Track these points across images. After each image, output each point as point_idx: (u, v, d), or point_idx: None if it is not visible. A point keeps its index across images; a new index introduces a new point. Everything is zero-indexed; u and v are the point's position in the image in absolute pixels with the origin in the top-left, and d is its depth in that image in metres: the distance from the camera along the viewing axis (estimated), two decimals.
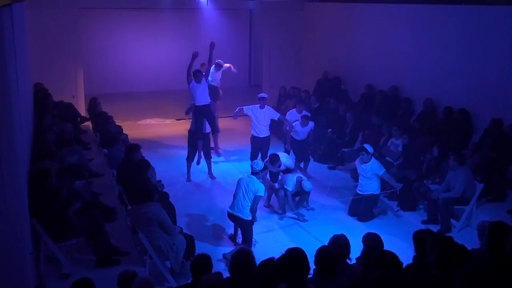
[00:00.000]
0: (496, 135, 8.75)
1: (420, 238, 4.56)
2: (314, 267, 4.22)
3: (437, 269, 3.95)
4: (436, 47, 10.59)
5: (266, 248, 7.37)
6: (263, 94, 10.42)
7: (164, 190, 8.33)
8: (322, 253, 4.25)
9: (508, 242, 3.99)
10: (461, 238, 5.25)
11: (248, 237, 7.36)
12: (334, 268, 4.20)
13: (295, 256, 3.91)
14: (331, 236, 5.00)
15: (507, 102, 9.04)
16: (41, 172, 7.04)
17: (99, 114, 11.53)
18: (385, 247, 4.64)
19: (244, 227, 7.41)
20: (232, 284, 4.23)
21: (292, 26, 15.59)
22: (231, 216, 7.51)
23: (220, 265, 6.76)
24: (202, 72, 9.98)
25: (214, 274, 4.29)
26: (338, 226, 8.13)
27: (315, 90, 13.66)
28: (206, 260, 4.63)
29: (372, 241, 4.82)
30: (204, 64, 14.13)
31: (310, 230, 8.20)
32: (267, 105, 10.18)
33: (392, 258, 4.04)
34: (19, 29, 8.24)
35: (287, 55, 15.84)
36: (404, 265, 4.29)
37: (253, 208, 7.37)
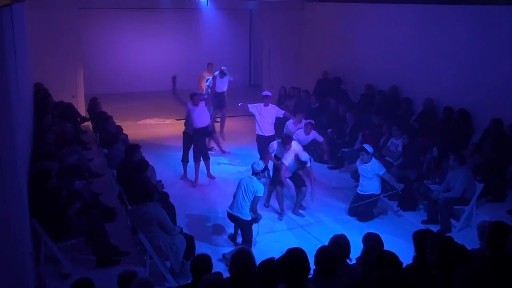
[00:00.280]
0: (496, 135, 8.75)
1: (420, 238, 4.57)
2: (314, 267, 4.22)
3: (437, 269, 3.95)
4: (436, 47, 10.58)
5: (266, 248, 7.37)
6: (267, 92, 10.45)
7: (164, 190, 8.32)
8: (322, 253, 4.26)
9: (508, 242, 3.99)
10: (461, 238, 5.26)
11: (248, 237, 7.36)
12: (334, 268, 4.20)
13: (295, 256, 3.91)
14: (331, 236, 5.00)
15: (507, 102, 9.04)
16: (41, 172, 7.04)
17: (99, 114, 11.51)
18: (385, 247, 4.65)
19: (244, 227, 7.41)
20: (232, 284, 4.23)
21: (292, 26, 15.58)
22: (231, 216, 7.52)
23: (220, 265, 6.76)
24: (199, 95, 9.81)
25: (214, 274, 4.29)
26: (338, 226, 8.15)
27: (315, 90, 13.66)
28: (206, 260, 4.63)
29: (372, 241, 4.83)
30: (211, 64, 14.17)
31: (310, 230, 8.20)
32: (271, 103, 10.21)
33: (392, 258, 4.04)
34: (19, 29, 8.23)
35: (287, 55, 15.82)
36: (404, 265, 4.29)
37: (253, 209, 7.38)
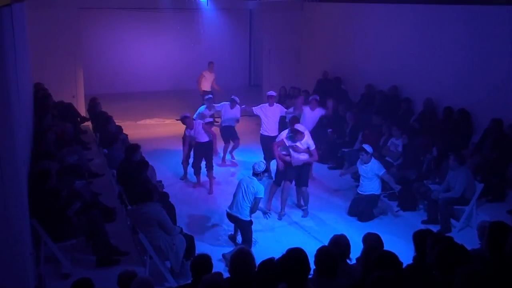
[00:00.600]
0: (496, 135, 8.74)
1: (420, 238, 4.57)
2: (314, 267, 4.22)
3: (437, 269, 3.95)
4: (436, 47, 10.58)
5: (266, 248, 7.38)
6: (272, 92, 10.50)
7: (164, 190, 8.33)
8: (322, 253, 4.26)
9: (508, 242, 4.00)
10: (461, 238, 5.25)
11: (248, 237, 7.36)
12: (334, 268, 4.20)
13: (295, 256, 3.91)
14: (331, 236, 5.00)
15: (507, 102, 9.03)
16: (41, 172, 7.03)
17: (99, 114, 11.52)
18: (385, 247, 4.65)
19: (243, 228, 7.40)
20: (232, 284, 4.23)
21: (292, 26, 15.58)
22: (230, 216, 7.51)
23: (220, 265, 6.75)
24: (189, 117, 9.61)
25: (214, 274, 4.29)
26: (338, 226, 8.15)
27: (315, 90, 13.63)
28: (206, 260, 4.62)
29: (372, 241, 4.83)
30: (212, 63, 14.14)
31: (310, 230, 8.20)
32: (276, 103, 10.28)
33: (392, 258, 4.04)
34: (19, 29, 8.23)
35: (287, 55, 15.82)
36: (404, 265, 4.29)
37: (254, 210, 7.37)
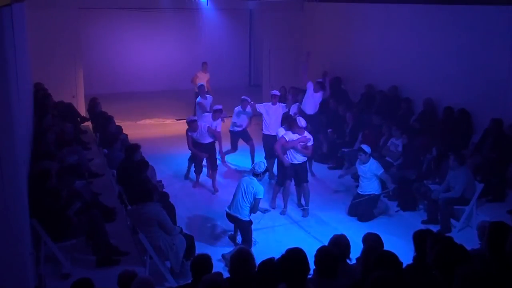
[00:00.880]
0: (496, 135, 8.74)
1: (420, 238, 4.57)
2: (314, 267, 4.22)
3: (437, 269, 3.95)
4: (436, 47, 10.58)
5: (266, 248, 7.37)
6: (276, 91, 10.59)
7: (164, 190, 8.33)
8: (322, 253, 4.26)
9: (508, 242, 4.00)
10: (461, 238, 5.26)
11: (248, 237, 7.35)
12: (334, 268, 4.20)
13: (295, 256, 3.91)
14: (331, 236, 5.00)
15: (507, 102, 9.03)
16: (41, 172, 7.04)
17: (99, 114, 11.51)
18: (385, 247, 4.65)
19: (243, 228, 7.40)
20: (232, 284, 4.23)
21: (292, 26, 15.57)
22: (229, 216, 7.50)
23: (220, 265, 6.76)
24: (196, 121, 9.57)
25: (214, 274, 4.29)
26: (338, 226, 8.14)
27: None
28: (206, 260, 4.62)
29: (372, 241, 4.82)
30: (205, 63, 14.14)
31: (310, 230, 8.20)
32: (279, 102, 10.38)
33: (392, 258, 4.04)
34: (19, 29, 8.23)
35: (287, 55, 15.79)
36: (404, 265, 4.29)
37: (254, 211, 7.37)
